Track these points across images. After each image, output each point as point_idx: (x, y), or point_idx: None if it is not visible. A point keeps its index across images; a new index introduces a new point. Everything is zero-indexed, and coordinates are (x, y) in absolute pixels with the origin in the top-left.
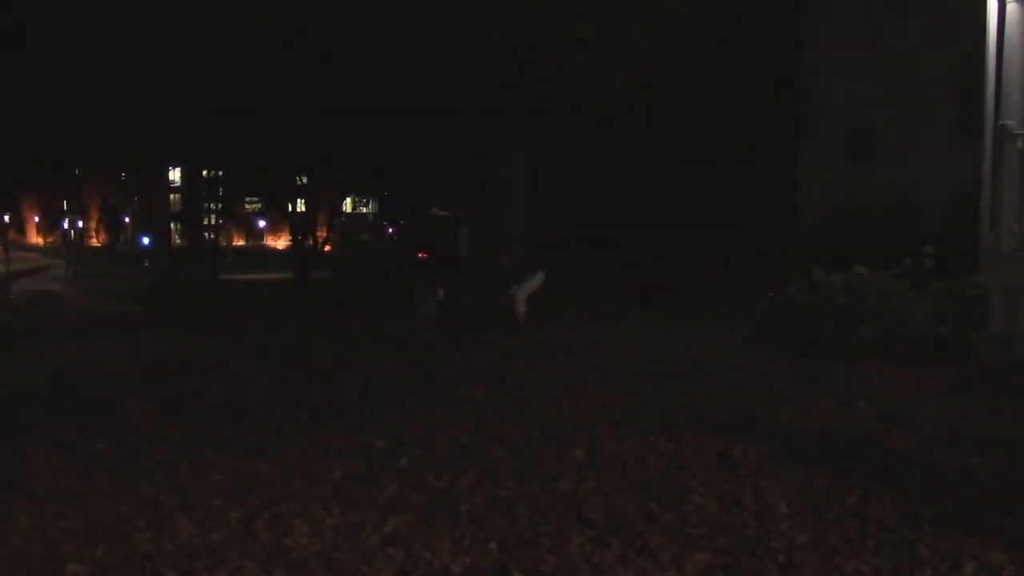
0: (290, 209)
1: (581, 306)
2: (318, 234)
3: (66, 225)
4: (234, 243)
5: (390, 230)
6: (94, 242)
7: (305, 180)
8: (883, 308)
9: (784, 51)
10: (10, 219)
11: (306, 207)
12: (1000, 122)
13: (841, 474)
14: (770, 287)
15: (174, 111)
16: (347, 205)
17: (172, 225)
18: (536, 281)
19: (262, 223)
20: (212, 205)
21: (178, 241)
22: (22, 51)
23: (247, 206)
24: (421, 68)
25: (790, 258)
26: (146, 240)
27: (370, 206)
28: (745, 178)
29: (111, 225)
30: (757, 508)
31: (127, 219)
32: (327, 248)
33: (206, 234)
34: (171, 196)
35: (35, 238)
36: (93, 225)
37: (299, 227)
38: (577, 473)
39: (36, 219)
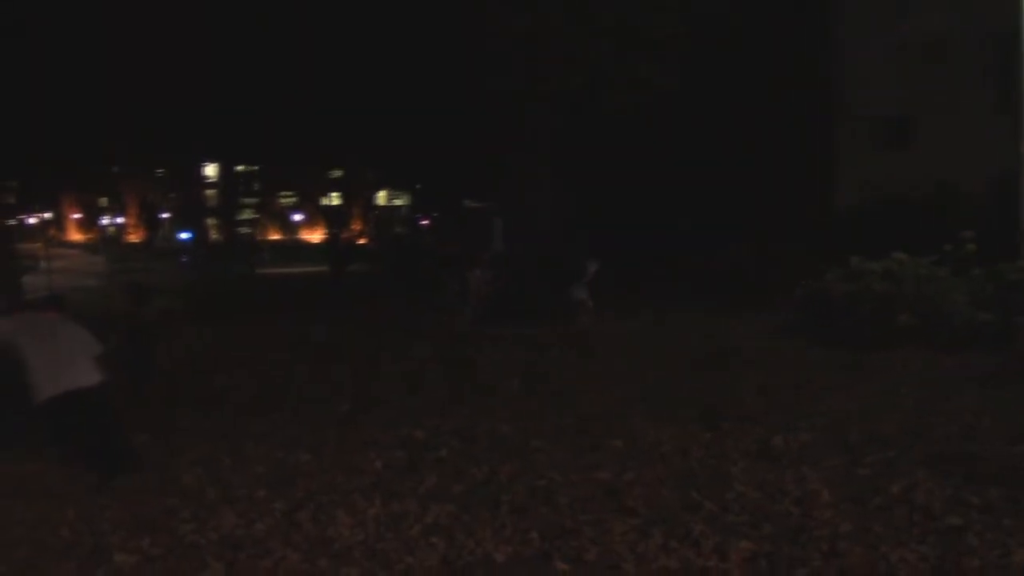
0: (325, 203)
1: (611, 298)
2: (353, 227)
3: (105, 222)
4: (270, 237)
5: (424, 223)
6: (132, 238)
7: (340, 175)
8: (922, 295)
9: (815, 37)
10: (51, 217)
11: (341, 201)
12: None
13: (884, 462)
14: (803, 276)
15: (210, 109)
16: (381, 198)
17: (209, 220)
18: (591, 270)
19: (297, 217)
20: (248, 200)
21: (215, 236)
22: (62, 53)
23: (282, 200)
24: (448, 61)
25: (823, 247)
26: (184, 235)
27: (404, 199)
28: (775, 167)
29: (149, 221)
30: (799, 496)
31: (165, 215)
32: (362, 241)
33: (242, 229)
34: (207, 192)
35: (75, 235)
36: (132, 221)
37: (334, 221)
38: (617, 462)
39: (76, 216)
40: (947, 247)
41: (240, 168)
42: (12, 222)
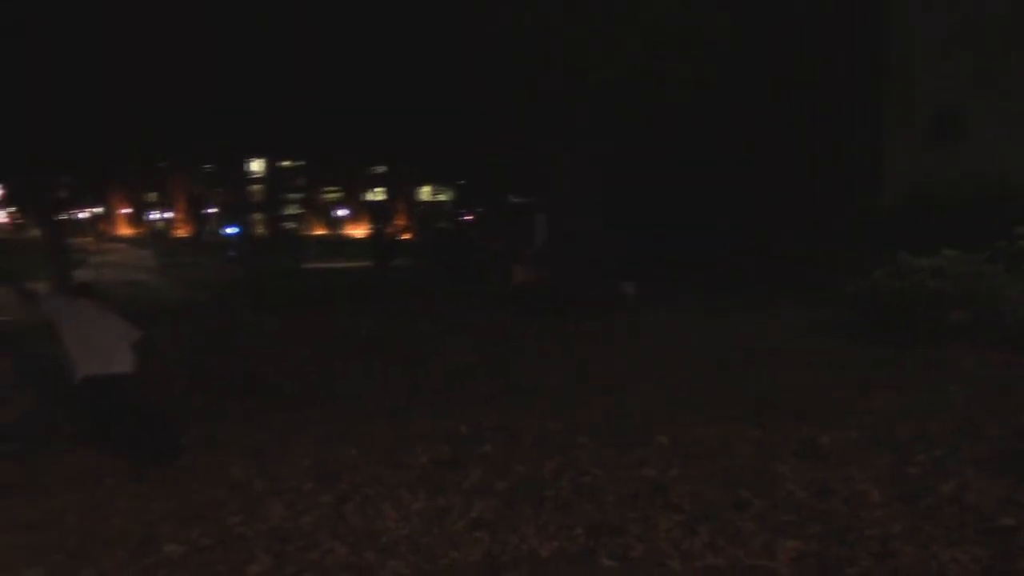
0: (369, 198)
1: (656, 294)
2: (397, 223)
3: (154, 217)
4: (315, 232)
5: (467, 218)
6: (180, 233)
7: (383, 170)
8: (974, 292)
9: (862, 24)
10: (101, 212)
11: (385, 196)
12: None
13: (934, 461)
14: (849, 273)
15: (256, 106)
16: (425, 194)
17: (254, 215)
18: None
19: (342, 212)
20: (292, 195)
21: (261, 231)
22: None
23: (326, 196)
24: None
25: (870, 242)
26: (230, 230)
27: (447, 195)
28: (820, 161)
29: (196, 216)
30: (848, 495)
31: (211, 210)
32: (406, 236)
33: (287, 224)
34: (253, 187)
35: (124, 230)
36: (179, 216)
37: (378, 216)
38: (662, 459)
39: (125, 211)
40: (1000, 243)
41: (285, 164)
42: (64, 217)
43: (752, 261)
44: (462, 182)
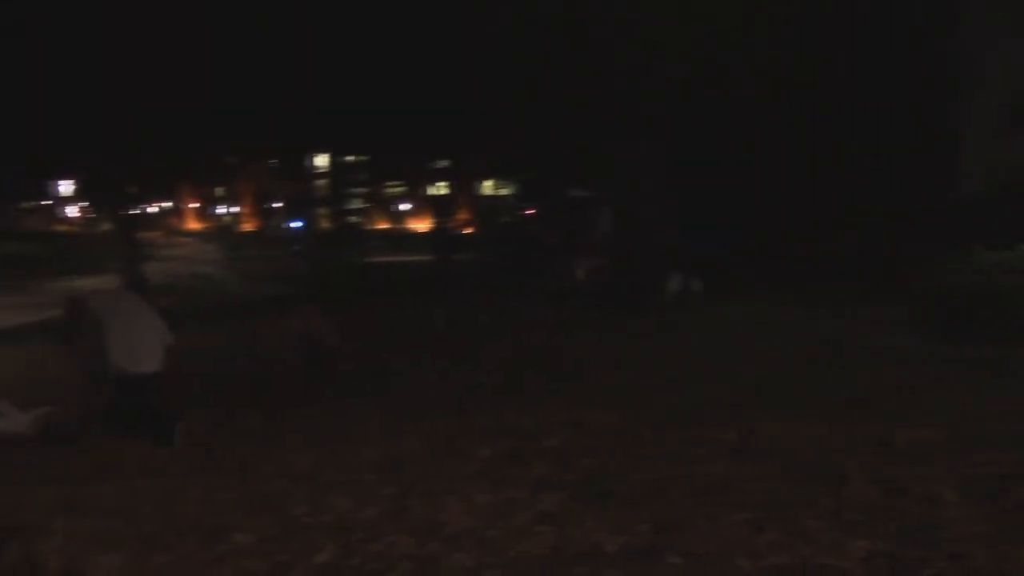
0: (431, 192)
1: (723, 288)
2: (459, 216)
3: (220, 211)
4: (378, 226)
5: (529, 212)
6: (246, 227)
7: (446, 164)
8: None
9: (940, 11)
10: (170, 206)
11: (447, 191)
12: None
13: (1012, 462)
14: (922, 267)
15: (321, 102)
16: (487, 188)
17: (319, 210)
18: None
19: (405, 206)
20: (356, 190)
21: (325, 225)
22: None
23: (390, 190)
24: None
25: (945, 236)
26: (295, 224)
27: (510, 188)
28: (893, 152)
29: (262, 210)
30: (921, 495)
31: (277, 205)
32: (468, 230)
33: (351, 218)
34: (318, 182)
35: (192, 224)
36: (245, 211)
37: (440, 210)
38: (730, 455)
39: (193, 205)
40: None
41: (349, 158)
42: (134, 211)
43: (823, 256)
44: (525, 176)
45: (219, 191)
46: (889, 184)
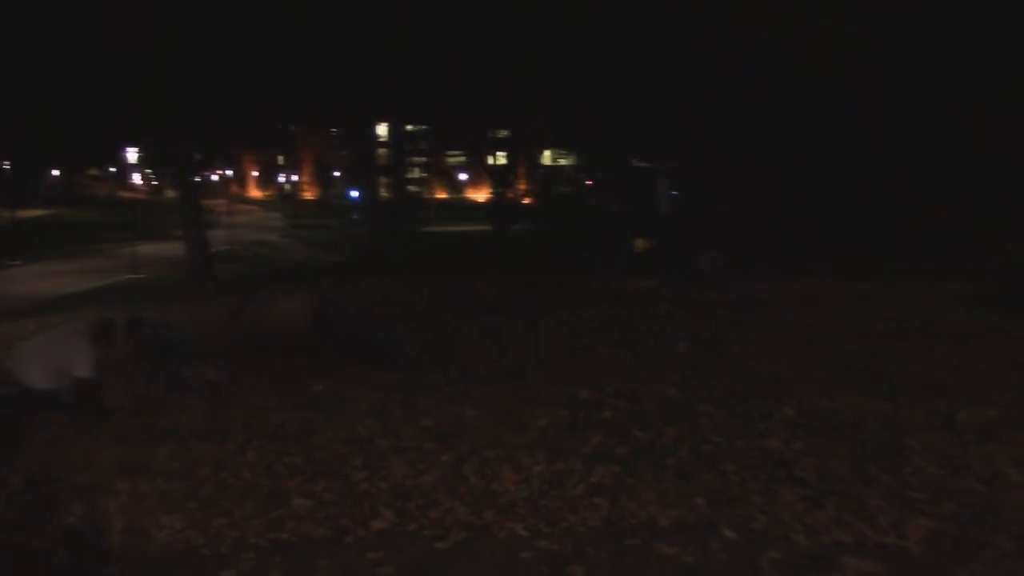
0: (491, 162)
1: (788, 260)
2: (518, 186)
3: (282, 179)
4: (437, 196)
5: (589, 182)
6: (307, 195)
7: (507, 133)
8: None
9: None
10: (232, 174)
11: (507, 160)
12: None
13: None
14: (993, 243)
15: (381, 69)
16: (546, 158)
17: (379, 179)
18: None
19: (463, 176)
20: (416, 159)
21: (385, 194)
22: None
23: (449, 159)
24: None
25: (1011, 213)
26: (354, 193)
27: (570, 159)
28: (968, 126)
29: (322, 179)
30: (985, 475)
31: (337, 173)
32: (526, 200)
33: (411, 187)
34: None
35: (254, 192)
36: (306, 179)
37: (499, 179)
38: (787, 431)
39: (255, 174)
40: None
41: (409, 127)
42: (197, 179)
43: (892, 232)
44: (585, 147)
45: (280, 159)
46: (956, 160)
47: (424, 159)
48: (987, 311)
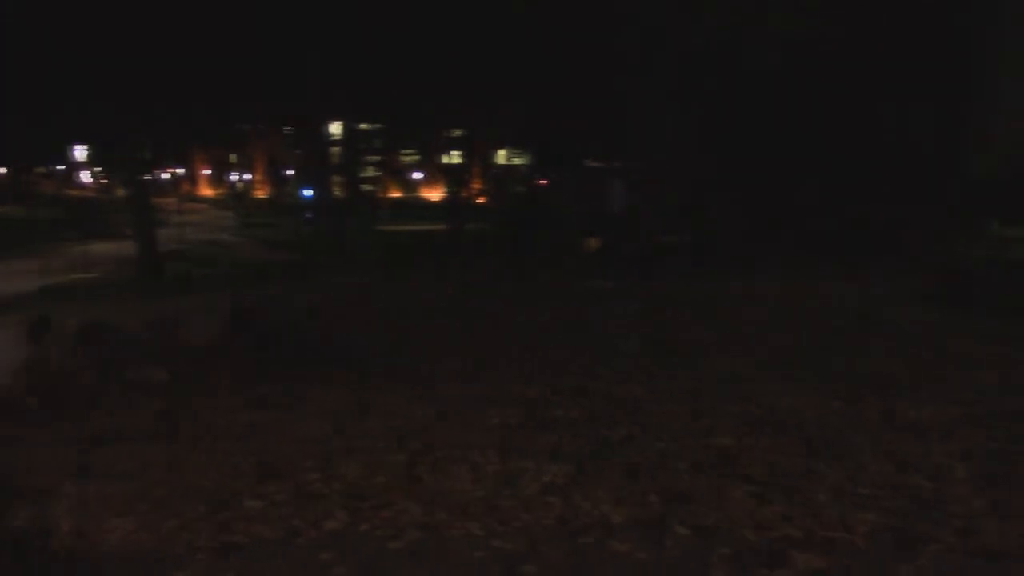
0: (445, 161)
1: (736, 259)
2: (473, 185)
3: (234, 178)
4: (391, 195)
5: (543, 182)
6: (259, 194)
7: (461, 133)
8: None
9: None
10: (184, 172)
11: (461, 159)
12: None
13: (1022, 437)
14: (938, 241)
15: (333, 68)
16: (501, 158)
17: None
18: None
19: (418, 175)
20: (370, 158)
21: (338, 193)
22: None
23: (403, 158)
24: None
25: (961, 211)
26: (308, 192)
27: (523, 159)
28: (910, 126)
29: (275, 178)
30: (931, 470)
31: (290, 172)
32: (480, 200)
33: (365, 186)
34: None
35: (205, 190)
36: (259, 178)
37: (454, 179)
38: (738, 428)
39: (207, 172)
40: None
41: (363, 126)
42: (147, 177)
43: (841, 228)
44: (539, 146)
45: (232, 158)
46: (908, 159)
47: (378, 158)
48: (934, 308)
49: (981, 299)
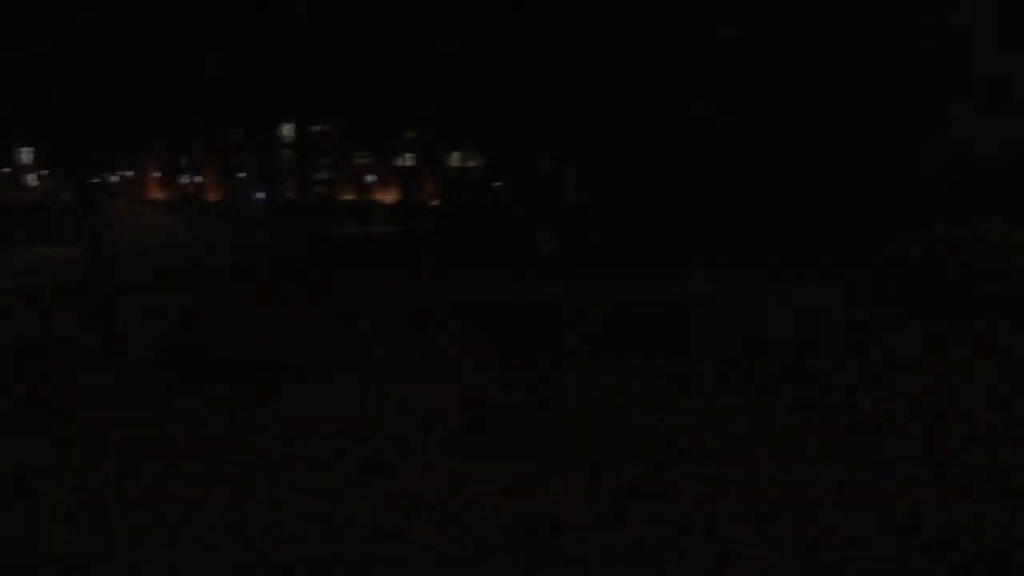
0: (399, 164)
1: (679, 258)
2: (426, 188)
3: (184, 181)
4: (344, 197)
5: (495, 184)
6: (211, 197)
7: (414, 135)
8: (1011, 265)
9: None
10: (133, 175)
11: (415, 161)
12: None
13: (965, 436)
14: (883, 241)
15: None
16: (454, 159)
17: (285, 180)
18: None
19: (371, 177)
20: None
21: (289, 195)
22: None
23: (357, 161)
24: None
25: (906, 210)
26: (259, 195)
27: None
28: (857, 125)
29: (226, 180)
30: (879, 468)
31: (242, 175)
32: (434, 202)
33: (317, 189)
34: (284, 152)
35: (155, 193)
36: (210, 180)
37: (407, 182)
38: (690, 426)
39: (157, 175)
40: None
41: (316, 128)
42: (96, 180)
43: (783, 228)
44: (492, 148)
45: (183, 160)
46: (853, 160)
47: (331, 161)
48: (875, 307)
49: (921, 300)
